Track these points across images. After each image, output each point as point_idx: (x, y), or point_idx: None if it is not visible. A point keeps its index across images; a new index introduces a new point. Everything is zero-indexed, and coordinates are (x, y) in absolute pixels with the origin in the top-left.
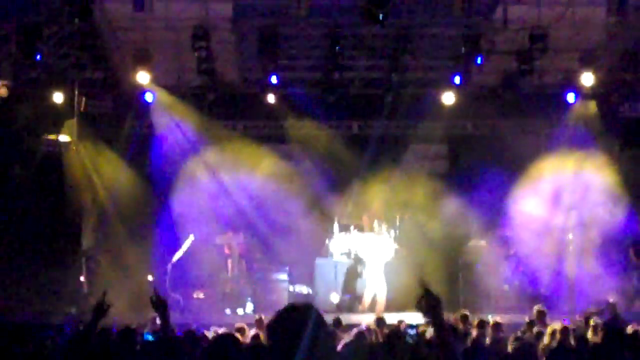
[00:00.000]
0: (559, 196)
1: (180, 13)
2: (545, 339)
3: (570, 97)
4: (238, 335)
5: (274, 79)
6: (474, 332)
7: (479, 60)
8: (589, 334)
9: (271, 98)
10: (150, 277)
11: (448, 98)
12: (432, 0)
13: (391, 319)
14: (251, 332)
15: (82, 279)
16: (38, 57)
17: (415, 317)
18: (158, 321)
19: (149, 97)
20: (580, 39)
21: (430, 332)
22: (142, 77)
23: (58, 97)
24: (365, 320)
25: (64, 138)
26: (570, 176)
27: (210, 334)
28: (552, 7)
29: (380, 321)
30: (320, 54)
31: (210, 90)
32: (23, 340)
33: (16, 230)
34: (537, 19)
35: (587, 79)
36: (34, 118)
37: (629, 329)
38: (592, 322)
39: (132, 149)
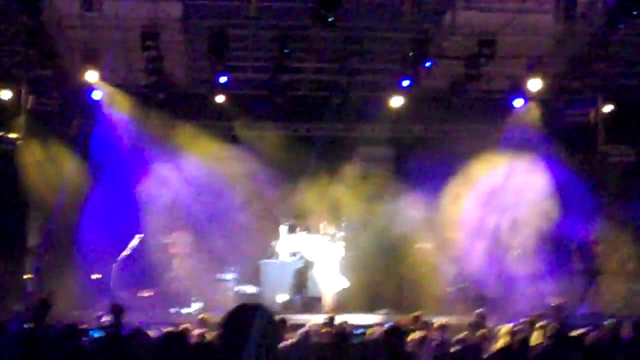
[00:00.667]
0: (498, 198)
1: (129, 12)
2: (492, 342)
3: (518, 103)
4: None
5: (223, 80)
6: (418, 334)
7: (427, 64)
8: (535, 337)
9: (220, 98)
10: (96, 275)
11: (396, 101)
12: (381, 4)
13: (337, 320)
14: (196, 331)
15: (27, 276)
16: None
17: (361, 318)
18: (104, 318)
19: (96, 94)
20: (528, 46)
21: (376, 332)
22: (91, 76)
23: (6, 95)
24: (312, 320)
25: (11, 135)
26: (507, 178)
27: (153, 333)
28: (500, 14)
29: (329, 321)
30: (269, 56)
31: (159, 90)
32: None
33: None
34: (486, 25)
35: (535, 84)
36: None
37: (575, 333)
38: (537, 325)
39: (80, 147)
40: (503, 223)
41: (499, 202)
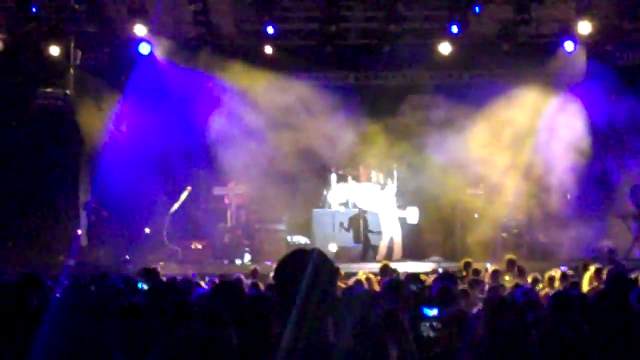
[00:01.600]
0: (540, 138)
1: None
2: (543, 286)
3: (568, 46)
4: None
5: (270, 30)
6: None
7: (476, 10)
8: (587, 281)
9: (268, 49)
10: (147, 229)
11: (445, 48)
12: None
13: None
14: (248, 281)
15: (79, 231)
16: (33, 9)
17: (413, 266)
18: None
19: (144, 48)
20: None
21: (430, 280)
22: (139, 30)
23: (54, 50)
24: (364, 269)
25: (61, 91)
26: (548, 117)
27: (206, 284)
28: None
29: (382, 269)
30: (316, 5)
31: (206, 42)
32: (21, 294)
33: (13, 184)
34: None
35: (584, 27)
36: (31, 71)
37: (634, 275)
38: (592, 269)
39: (130, 100)
40: (546, 164)
41: (541, 143)
